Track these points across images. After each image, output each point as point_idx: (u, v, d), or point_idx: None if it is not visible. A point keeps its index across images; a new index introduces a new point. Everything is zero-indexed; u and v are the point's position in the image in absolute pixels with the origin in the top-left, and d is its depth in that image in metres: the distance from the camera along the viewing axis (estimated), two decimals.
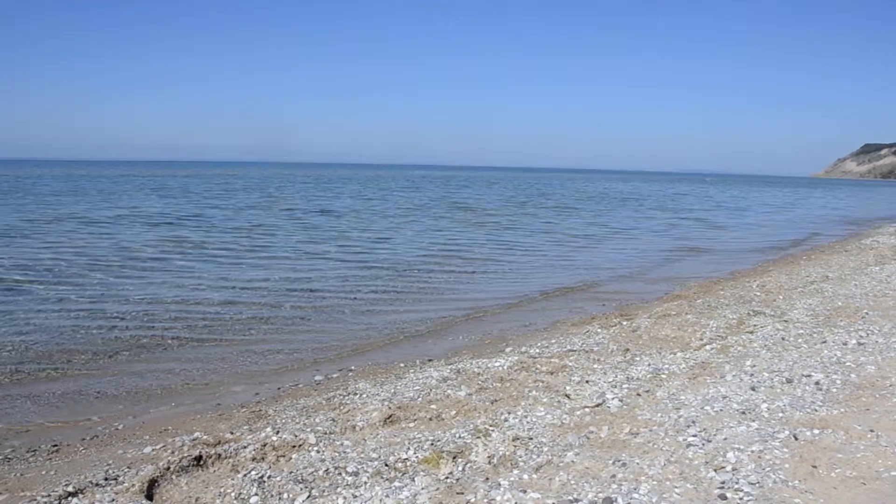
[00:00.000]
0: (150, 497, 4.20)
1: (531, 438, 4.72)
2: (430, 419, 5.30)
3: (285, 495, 4.02)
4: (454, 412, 5.43)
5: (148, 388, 7.34)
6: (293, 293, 12.52)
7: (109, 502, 4.00)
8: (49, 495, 4.26)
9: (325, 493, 4.02)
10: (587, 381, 6.12)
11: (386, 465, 4.36)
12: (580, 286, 13.98)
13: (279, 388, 7.16)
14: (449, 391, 6.01)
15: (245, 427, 5.64)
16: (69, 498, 4.22)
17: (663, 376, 6.27)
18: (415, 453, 4.50)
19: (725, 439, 4.49)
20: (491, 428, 4.92)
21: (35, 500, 4.23)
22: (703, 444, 4.42)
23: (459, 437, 4.77)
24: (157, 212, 30.46)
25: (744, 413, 5.05)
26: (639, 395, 5.69)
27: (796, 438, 4.48)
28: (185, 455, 4.65)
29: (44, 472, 5.15)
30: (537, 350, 7.68)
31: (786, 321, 8.51)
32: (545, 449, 4.50)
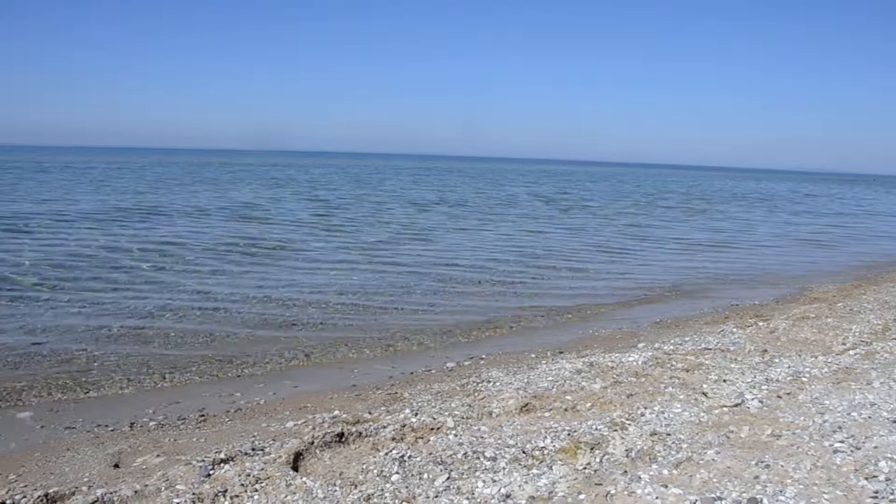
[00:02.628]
0: (295, 468, 4.39)
1: (669, 434, 4.67)
2: (566, 410, 5.32)
3: (425, 475, 4.13)
4: (589, 404, 5.43)
5: (286, 367, 7.66)
6: (422, 281, 12.75)
7: (259, 470, 4.20)
8: (203, 460, 4.51)
9: (464, 476, 4.11)
10: (724, 381, 6.00)
11: (523, 452, 4.41)
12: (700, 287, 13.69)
13: (412, 373, 7.34)
14: (583, 383, 6.02)
15: (382, 408, 5.80)
16: (221, 464, 4.46)
17: (804, 379, 6.08)
18: (552, 442, 4.54)
19: (876, 448, 4.33)
20: (627, 422, 4.90)
21: (190, 463, 4.49)
22: (852, 451, 4.27)
23: (596, 428, 4.78)
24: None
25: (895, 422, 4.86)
26: (779, 396, 5.54)
27: None
28: (328, 431, 4.84)
29: (194, 439, 5.46)
30: (671, 347, 7.58)
31: None
32: (684, 446, 4.46)
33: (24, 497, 4.18)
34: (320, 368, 7.65)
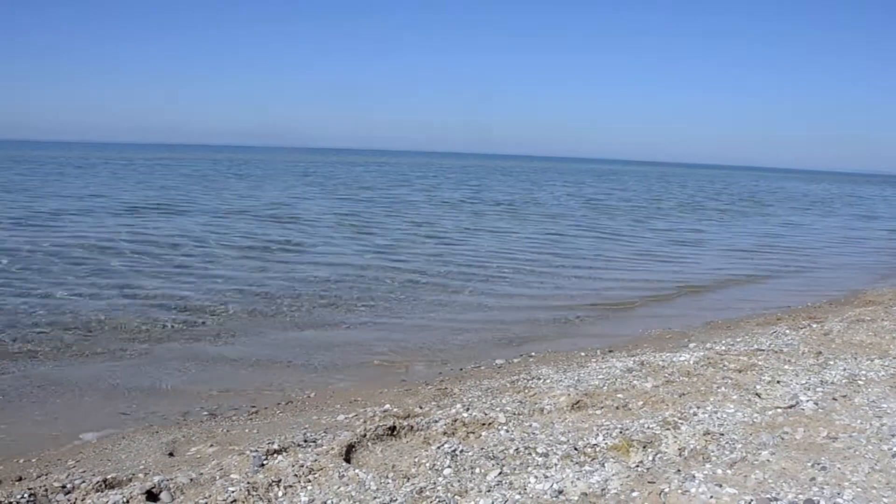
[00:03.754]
0: (348, 460, 4.42)
1: (722, 434, 4.62)
2: (617, 408, 5.30)
3: (477, 470, 4.14)
4: (641, 403, 5.40)
5: (335, 361, 7.72)
6: (470, 280, 12.77)
7: (312, 461, 4.24)
8: (257, 451, 4.57)
9: (516, 471, 4.11)
10: (778, 382, 5.92)
11: (575, 448, 4.40)
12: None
13: (461, 369, 7.36)
14: (634, 382, 5.98)
15: (432, 403, 5.83)
16: (275, 455, 4.51)
17: (860, 382, 5.97)
18: (604, 440, 4.52)
19: None
20: (680, 421, 4.86)
21: (243, 453, 4.56)
22: None
23: (648, 427, 4.75)
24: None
25: None
26: (835, 399, 5.45)
27: None
28: (380, 424, 4.87)
29: (246, 430, 5.54)
30: (723, 347, 7.49)
31: None
32: (738, 446, 4.41)
33: (84, 482, 4.27)
34: (369, 362, 7.70)
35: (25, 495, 4.08)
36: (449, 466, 4.17)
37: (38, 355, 7.49)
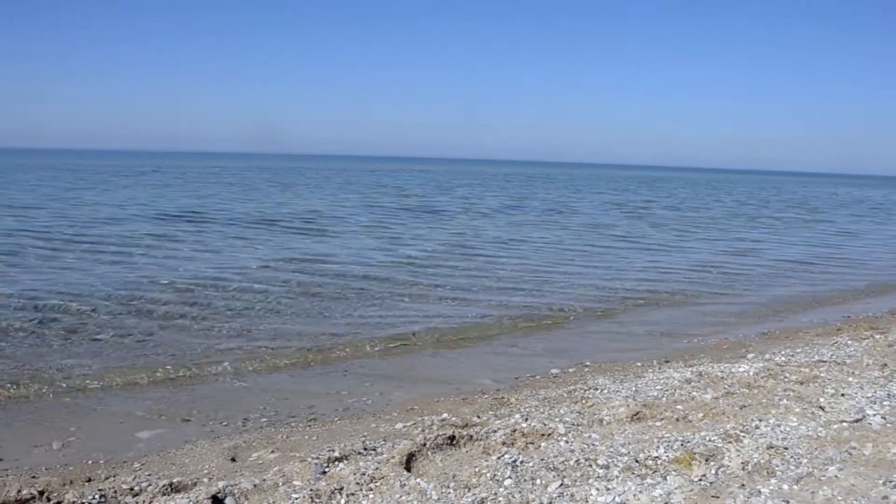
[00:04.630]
0: (408, 469, 4.44)
1: (786, 448, 4.55)
2: (677, 420, 5.24)
3: (538, 481, 4.12)
4: (701, 415, 5.33)
5: (391, 369, 7.75)
6: (523, 283, 12.77)
7: (373, 470, 4.27)
8: (318, 458, 4.62)
9: (577, 483, 4.09)
10: (843, 395, 5.80)
11: (636, 461, 4.37)
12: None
13: (517, 378, 7.34)
14: (694, 393, 5.91)
15: (490, 413, 5.82)
16: (336, 462, 4.55)
17: None
18: (665, 452, 4.48)
19: None
20: (742, 434, 4.79)
21: (305, 460, 4.60)
22: None
23: (709, 440, 4.69)
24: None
25: None
26: None
27: None
28: (439, 434, 4.88)
29: (306, 437, 5.59)
30: (783, 358, 7.36)
31: None
32: (804, 461, 4.33)
33: (150, 485, 4.36)
34: (425, 371, 7.73)
35: (97, 496, 4.18)
36: (510, 477, 4.17)
37: (100, 360, 7.68)
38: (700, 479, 4.12)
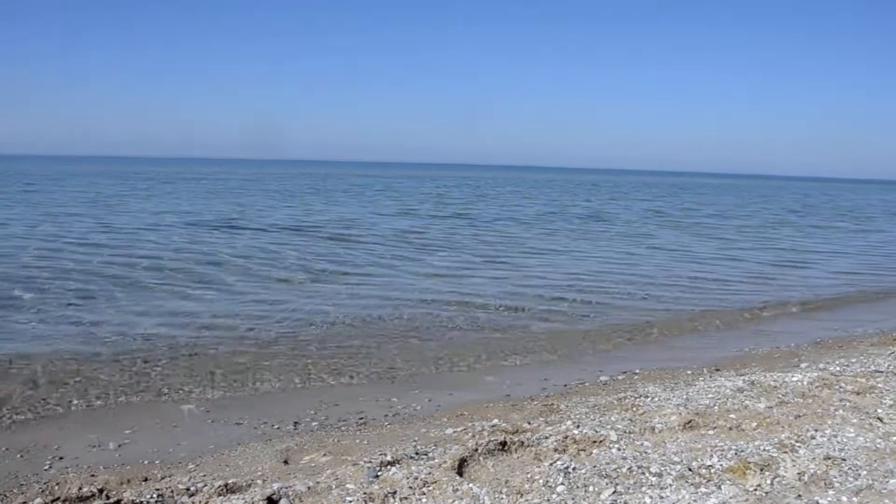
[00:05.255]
0: (460, 474, 4.45)
1: (844, 460, 4.47)
2: (730, 428, 5.18)
3: (591, 488, 4.10)
4: (755, 424, 5.26)
5: (438, 374, 7.78)
6: (570, 289, 12.73)
7: (426, 474, 4.29)
8: (370, 462, 4.66)
9: (630, 491, 4.06)
10: None
11: (689, 469, 4.33)
12: None
13: (565, 385, 7.32)
14: (747, 402, 5.83)
15: (540, 419, 5.81)
16: (388, 466, 4.58)
17: None
18: (719, 461, 4.43)
19: None
20: (797, 444, 4.72)
21: (357, 464, 4.65)
22: None
23: (764, 449, 4.62)
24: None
25: None
26: None
27: None
28: (491, 439, 4.88)
29: (357, 441, 5.63)
30: (837, 368, 7.24)
31: None
32: (863, 472, 4.25)
33: (206, 485, 4.43)
34: (473, 377, 7.74)
35: (154, 495, 4.26)
36: (562, 484, 4.15)
37: (153, 364, 7.82)
38: (755, 489, 4.07)
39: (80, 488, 4.57)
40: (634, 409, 5.88)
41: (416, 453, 4.89)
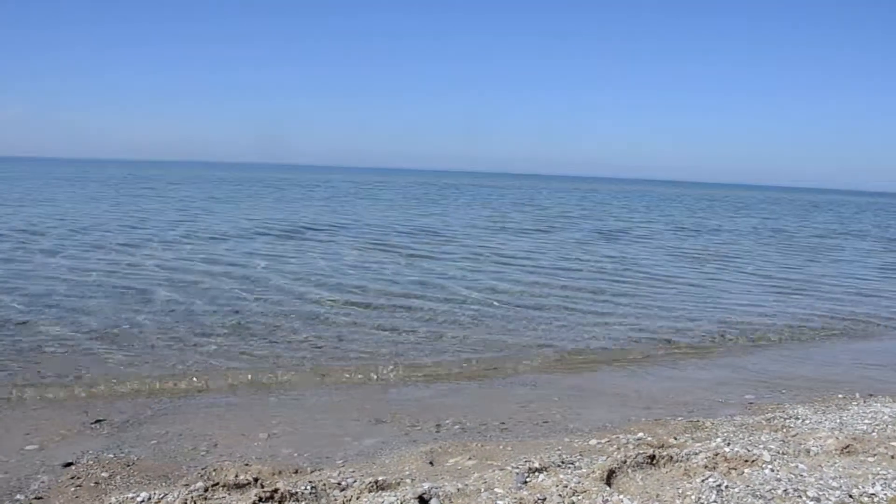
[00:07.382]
0: (608, 485, 4.42)
1: None
2: (892, 457, 4.95)
3: None
4: None
5: (578, 384, 7.75)
6: (703, 304, 12.43)
7: (575, 483, 4.29)
8: (517, 468, 4.68)
9: None
10: None
11: (850, 496, 4.17)
12: None
13: (708, 402, 7.16)
14: None
15: (686, 435, 5.72)
16: (536, 473, 4.61)
17: None
18: (882, 490, 4.24)
19: None
20: None
21: (504, 469, 4.69)
22: None
23: None
24: None
25: None
26: None
27: None
28: (639, 452, 4.84)
29: (500, 447, 5.67)
30: None
31: None
32: None
33: (356, 481, 4.56)
34: (612, 388, 7.68)
35: (308, 487, 4.41)
36: (715, 501, 4.08)
37: (301, 360, 8.16)
38: None
39: (237, 476, 4.78)
40: (785, 430, 5.72)
41: (563, 462, 4.89)
